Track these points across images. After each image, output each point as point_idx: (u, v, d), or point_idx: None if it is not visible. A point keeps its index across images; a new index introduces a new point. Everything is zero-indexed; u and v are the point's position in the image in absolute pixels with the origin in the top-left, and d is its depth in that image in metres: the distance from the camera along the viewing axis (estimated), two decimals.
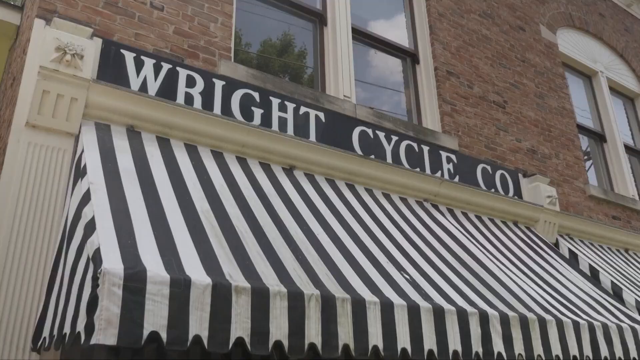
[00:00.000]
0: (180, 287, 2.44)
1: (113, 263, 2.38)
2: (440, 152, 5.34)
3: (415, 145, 5.18)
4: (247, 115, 4.27)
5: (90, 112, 3.56)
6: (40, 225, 3.18)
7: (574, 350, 3.73)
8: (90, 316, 2.28)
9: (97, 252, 2.45)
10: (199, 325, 2.43)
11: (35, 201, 3.23)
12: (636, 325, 4.29)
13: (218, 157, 3.90)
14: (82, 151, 3.26)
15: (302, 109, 4.60)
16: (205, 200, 3.30)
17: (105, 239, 2.55)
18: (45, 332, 2.83)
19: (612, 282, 5.13)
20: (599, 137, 8.00)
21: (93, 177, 3.00)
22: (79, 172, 3.17)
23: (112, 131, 3.58)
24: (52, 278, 3.01)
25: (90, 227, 2.66)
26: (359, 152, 4.74)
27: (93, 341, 2.24)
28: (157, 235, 2.77)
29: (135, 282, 2.35)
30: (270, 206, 3.56)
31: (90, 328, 2.27)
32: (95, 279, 2.34)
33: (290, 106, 4.53)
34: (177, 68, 4.07)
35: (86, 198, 2.88)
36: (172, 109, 3.78)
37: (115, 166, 3.19)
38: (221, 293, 2.52)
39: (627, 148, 8.20)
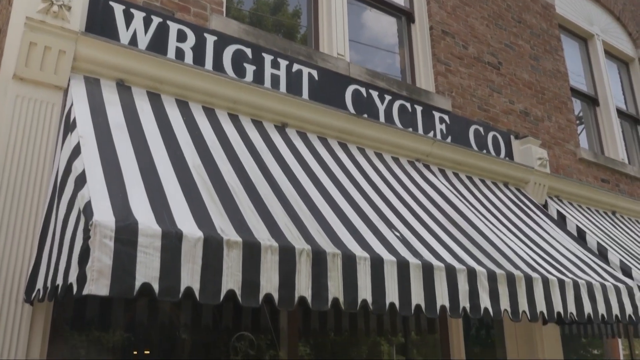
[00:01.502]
0: (171, 240, 2.45)
1: (104, 215, 2.38)
2: (433, 112, 5.33)
3: (408, 105, 5.15)
4: (239, 72, 4.21)
5: (78, 65, 3.50)
6: (30, 178, 3.16)
7: (558, 307, 3.82)
8: (82, 268, 2.30)
9: (88, 204, 2.45)
10: (190, 277, 2.45)
11: (24, 154, 3.20)
12: (619, 284, 4.38)
13: (209, 113, 3.87)
14: (72, 105, 3.22)
15: (295, 67, 4.54)
16: (196, 155, 3.29)
17: (96, 192, 2.55)
18: (39, 285, 2.85)
19: (598, 243, 5.22)
20: (591, 101, 8.00)
21: (83, 131, 2.97)
22: (69, 125, 3.13)
23: (101, 85, 3.53)
24: (43, 231, 3.01)
25: (81, 180, 2.65)
26: (352, 111, 4.71)
27: (85, 292, 2.26)
28: (148, 189, 2.77)
29: (126, 234, 2.36)
30: (262, 163, 3.55)
31: (82, 279, 2.29)
32: (86, 231, 2.34)
33: (283, 63, 4.47)
34: (168, 22, 3.98)
35: (76, 151, 2.86)
36: (162, 63, 3.72)
37: (105, 120, 3.16)
38: (212, 246, 2.54)
39: (620, 112, 8.22)
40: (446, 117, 5.41)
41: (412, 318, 5.68)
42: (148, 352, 4.82)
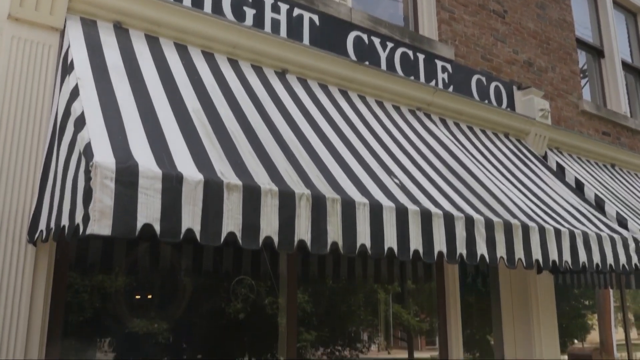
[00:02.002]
0: (172, 182, 2.46)
1: (104, 157, 2.38)
2: (436, 61, 5.25)
3: (410, 52, 5.07)
4: (239, 16, 4.13)
5: (75, 6, 3.42)
6: (29, 121, 3.14)
7: (553, 255, 3.87)
8: (85, 208, 2.32)
9: (88, 146, 2.45)
10: (191, 219, 2.47)
11: (22, 97, 3.17)
12: (615, 235, 4.44)
13: (209, 57, 3.81)
14: (69, 46, 3.17)
15: (296, 11, 4.45)
16: (196, 99, 3.26)
17: (96, 134, 2.54)
18: (42, 226, 2.89)
19: (595, 194, 5.25)
20: (597, 53, 7.87)
21: (81, 72, 2.93)
22: (66, 67, 3.09)
23: (98, 27, 3.46)
24: (44, 173, 3.02)
25: (80, 122, 2.64)
26: (353, 58, 4.64)
27: (88, 231, 2.29)
28: (148, 132, 2.76)
29: (127, 176, 2.37)
30: (262, 108, 3.53)
31: (85, 220, 2.31)
32: (87, 172, 2.35)
33: (284, 7, 4.37)
34: None
35: (75, 94, 2.83)
36: (160, 5, 3.64)
37: (103, 62, 3.12)
38: (213, 189, 2.55)
39: (625, 65, 8.10)
40: (448, 66, 5.34)
41: (409, 266, 5.78)
42: (150, 296, 4.93)
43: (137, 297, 4.79)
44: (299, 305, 4.69)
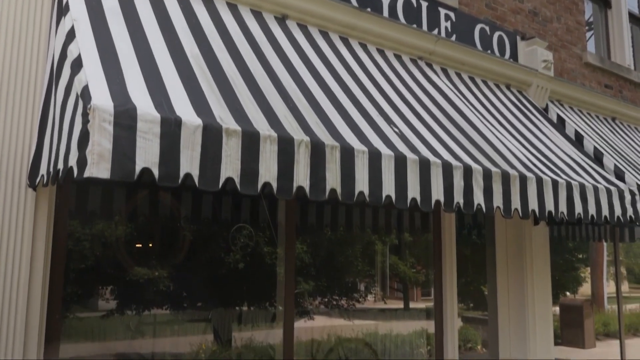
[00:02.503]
0: (170, 127, 2.45)
1: (102, 99, 2.36)
2: (439, 9, 5.14)
3: (413, 0, 4.96)
4: None
5: None
6: (25, 64, 3.10)
7: (550, 206, 3.91)
8: (82, 151, 2.32)
9: (86, 88, 2.42)
10: (189, 164, 2.48)
11: (18, 39, 3.12)
12: (611, 187, 4.46)
13: (207, 2, 3.72)
14: None
15: None
16: (194, 44, 3.21)
17: (93, 76, 2.51)
18: (42, 170, 2.89)
19: (594, 147, 5.25)
20: (603, 3, 7.69)
21: (76, 14, 2.87)
22: (62, 9, 3.03)
23: None
24: (43, 117, 3.01)
25: (77, 64, 2.60)
26: (355, 4, 4.54)
27: (87, 174, 2.29)
28: (146, 76, 2.73)
29: (125, 119, 2.36)
30: (261, 54, 3.48)
31: (83, 162, 2.31)
32: (85, 115, 2.33)
33: None
34: None
35: (71, 36, 2.78)
36: None
37: (99, 4, 3.05)
38: (212, 134, 2.54)
39: (632, 16, 7.94)
40: (452, 15, 5.23)
41: (406, 217, 5.83)
42: (151, 245, 5.00)
43: (138, 245, 4.85)
44: (298, 256, 4.76)
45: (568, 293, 8.92)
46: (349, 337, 5.55)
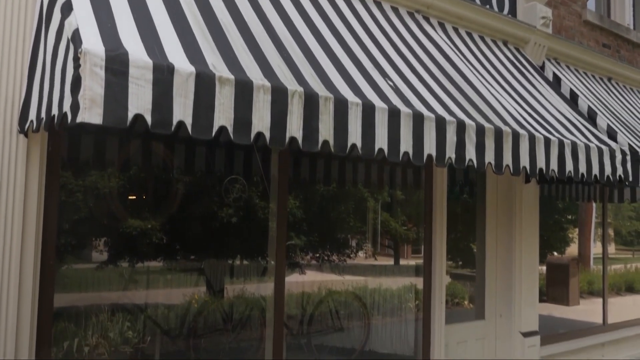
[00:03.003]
0: (163, 73, 2.43)
1: (93, 44, 2.33)
2: None
3: None
4: None
5: None
6: (13, 7, 3.03)
7: (541, 163, 3.94)
8: (75, 96, 2.30)
9: (76, 32, 2.38)
10: (182, 111, 2.47)
11: None
12: (603, 146, 4.49)
13: None
14: None
15: None
16: None
17: (84, 20, 2.47)
18: (32, 116, 2.87)
19: (589, 106, 5.25)
20: None
21: None
22: None
23: None
24: (32, 62, 2.97)
25: (67, 7, 2.55)
26: None
27: (79, 120, 2.28)
28: (138, 22, 2.68)
29: (117, 64, 2.33)
30: (255, 2, 3.41)
31: (75, 108, 2.30)
32: (76, 59, 2.31)
33: None
34: None
35: None
36: None
37: None
38: (205, 82, 2.52)
39: None
40: None
41: (398, 172, 5.87)
42: (144, 196, 5.01)
43: (131, 197, 4.87)
44: (290, 211, 4.80)
45: (555, 253, 9.09)
46: (339, 290, 5.67)
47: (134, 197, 4.93)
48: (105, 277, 4.72)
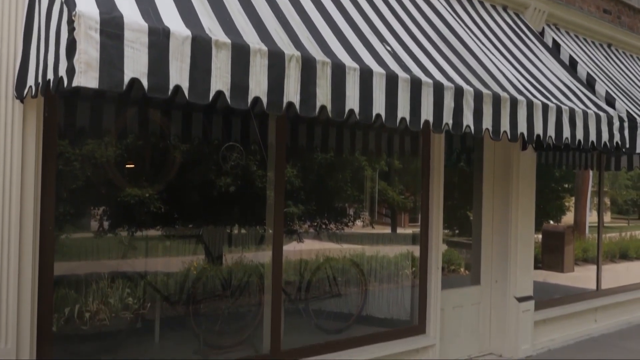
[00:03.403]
0: (159, 37, 2.41)
1: (87, 7, 2.30)
2: None
3: None
4: None
5: None
6: None
7: (539, 129, 3.94)
8: (70, 60, 2.28)
9: None
10: (179, 75, 2.45)
11: None
12: (601, 113, 4.49)
13: None
14: None
15: None
16: None
17: None
18: (30, 81, 2.85)
19: (588, 73, 5.22)
20: None
21: None
22: None
23: None
24: (28, 26, 2.93)
25: None
26: None
27: (75, 84, 2.27)
28: None
29: (112, 27, 2.30)
30: None
31: (71, 72, 2.28)
32: (70, 22, 2.28)
33: None
34: None
35: None
36: None
37: None
38: (201, 46, 2.50)
39: None
40: None
41: (396, 140, 5.86)
42: (141, 165, 5.00)
43: (129, 165, 4.87)
44: (288, 180, 4.81)
45: (552, 221, 9.17)
46: (337, 257, 5.73)
47: (132, 166, 4.93)
48: (105, 246, 4.76)
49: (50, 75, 2.52)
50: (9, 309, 3.04)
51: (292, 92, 2.75)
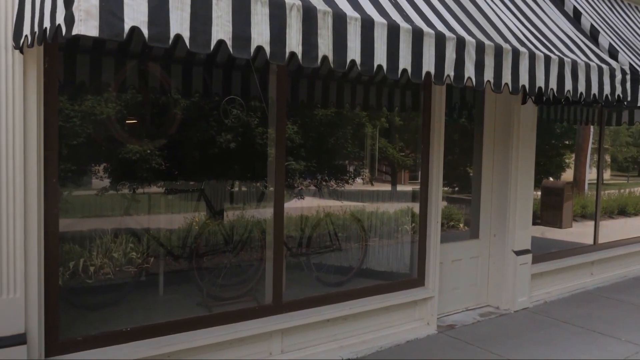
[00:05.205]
0: None
1: None
2: None
3: None
4: None
5: None
6: None
7: (540, 82, 3.91)
8: (69, 8, 2.26)
9: None
10: (179, 24, 2.43)
11: None
12: (603, 65, 4.45)
13: None
14: None
15: None
16: None
17: None
18: (26, 30, 2.82)
19: (591, 25, 5.15)
20: None
21: None
22: None
23: None
24: None
25: None
26: None
27: (74, 32, 2.25)
28: None
29: None
30: None
31: (70, 20, 2.26)
32: None
33: None
34: None
35: None
36: None
37: None
38: None
39: None
40: None
41: (397, 95, 5.84)
42: (142, 122, 4.99)
43: (129, 121, 4.87)
44: (288, 136, 4.81)
45: (551, 178, 9.23)
46: (337, 213, 5.79)
47: (133, 121, 4.93)
48: (107, 203, 4.81)
49: (47, 24, 2.50)
50: (16, 260, 3.10)
51: (294, 42, 2.73)
